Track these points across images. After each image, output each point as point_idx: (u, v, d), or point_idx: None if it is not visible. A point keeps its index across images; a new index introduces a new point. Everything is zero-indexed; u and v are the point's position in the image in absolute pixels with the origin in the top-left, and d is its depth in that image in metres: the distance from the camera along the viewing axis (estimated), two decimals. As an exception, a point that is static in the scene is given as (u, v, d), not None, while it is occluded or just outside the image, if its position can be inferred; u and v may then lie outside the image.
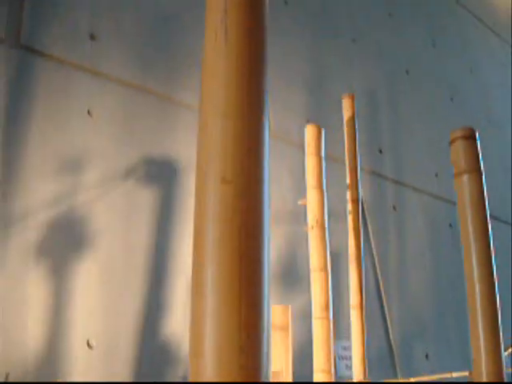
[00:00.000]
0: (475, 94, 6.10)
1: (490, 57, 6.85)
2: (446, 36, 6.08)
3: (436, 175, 4.99)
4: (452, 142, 1.36)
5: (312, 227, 2.18)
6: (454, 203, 1.46)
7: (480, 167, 1.31)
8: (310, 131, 2.21)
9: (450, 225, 4.93)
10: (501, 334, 1.35)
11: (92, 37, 3.02)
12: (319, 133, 2.23)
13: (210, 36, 0.69)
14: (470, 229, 1.32)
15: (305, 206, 2.26)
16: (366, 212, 4.14)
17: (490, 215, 1.38)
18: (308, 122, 3.85)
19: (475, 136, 1.36)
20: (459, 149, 1.33)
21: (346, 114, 2.58)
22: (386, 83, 4.83)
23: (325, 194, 2.24)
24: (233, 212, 0.62)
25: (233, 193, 0.63)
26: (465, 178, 1.28)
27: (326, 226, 2.22)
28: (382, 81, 4.80)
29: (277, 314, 2.06)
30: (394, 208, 4.49)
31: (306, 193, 2.24)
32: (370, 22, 4.92)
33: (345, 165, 2.69)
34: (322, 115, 4.02)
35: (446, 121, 5.34)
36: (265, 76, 0.70)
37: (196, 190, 0.67)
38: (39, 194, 2.61)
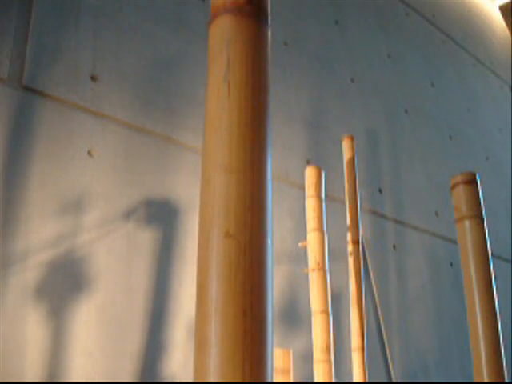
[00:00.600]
0: (474, 132, 6.14)
1: (488, 96, 6.92)
2: (445, 76, 6.14)
3: (436, 214, 4.98)
4: (453, 187, 1.37)
5: (313, 270, 2.17)
6: (455, 242, 1.46)
7: (482, 213, 1.31)
8: (310, 173, 2.21)
9: (451, 264, 4.91)
10: (505, 373, 1.35)
11: (93, 78, 3.05)
12: (319, 174, 2.23)
13: (212, 91, 0.69)
14: (473, 272, 1.31)
15: (305, 248, 2.25)
16: (367, 251, 4.13)
17: (491, 254, 1.38)
18: (308, 162, 3.86)
19: (476, 180, 1.37)
20: (460, 194, 1.34)
21: (346, 155, 2.59)
22: (386, 123, 4.86)
23: (325, 235, 2.24)
24: (236, 268, 0.62)
25: (236, 248, 0.63)
26: (466, 223, 1.28)
27: (327, 268, 2.21)
28: (382, 120, 4.83)
29: (278, 358, 2.04)
30: (395, 247, 4.48)
31: (307, 235, 2.24)
32: (368, 62, 4.97)
33: (345, 204, 2.69)
34: (321, 155, 4.04)
35: (446, 159, 5.36)
36: (268, 129, 0.70)
37: (199, 245, 0.66)
38: (39, 235, 2.60)
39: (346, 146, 2.60)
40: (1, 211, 2.51)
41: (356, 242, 2.49)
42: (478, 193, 1.36)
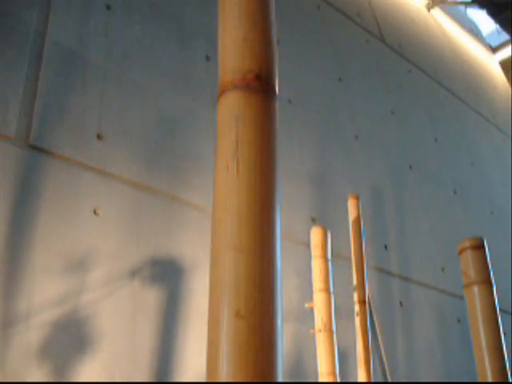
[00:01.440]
0: (478, 187, 6.14)
1: (491, 150, 6.95)
2: (448, 131, 6.18)
3: (442, 269, 4.95)
4: (460, 251, 1.36)
5: (319, 330, 2.15)
6: (462, 297, 1.44)
7: (490, 278, 1.30)
8: (315, 234, 2.21)
9: (459, 320, 4.86)
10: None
11: (99, 137, 3.07)
12: (325, 235, 2.23)
13: (221, 169, 0.70)
14: (482, 336, 1.30)
15: (312, 308, 2.23)
16: (373, 309, 4.09)
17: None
18: (313, 220, 3.86)
19: (484, 245, 1.36)
20: (468, 259, 1.33)
21: (352, 215, 2.59)
22: (390, 179, 4.87)
23: (332, 296, 2.22)
24: (246, 349, 0.61)
25: (246, 329, 0.62)
26: (475, 289, 1.27)
27: (334, 328, 2.19)
28: (386, 176, 4.84)
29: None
30: (401, 304, 4.43)
31: (313, 295, 2.22)
32: (372, 119, 5.01)
33: (351, 261, 2.67)
34: (326, 212, 4.03)
35: (451, 214, 5.35)
36: (277, 206, 0.70)
37: (209, 324, 0.66)
38: (43, 294, 2.58)
39: (351, 205, 2.60)
40: (5, 270, 2.50)
41: (363, 302, 2.47)
42: (486, 258, 1.35)
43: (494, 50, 10.22)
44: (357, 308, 2.48)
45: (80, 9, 3.43)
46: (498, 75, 9.39)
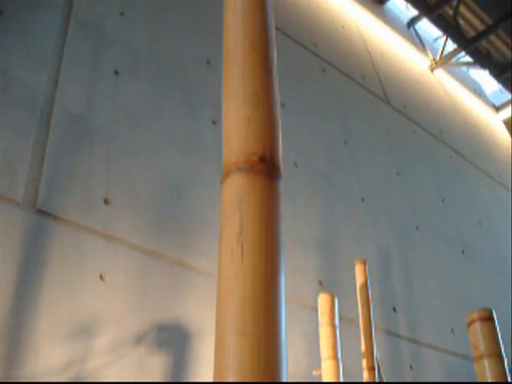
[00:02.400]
0: (486, 246, 6.11)
1: (498, 208, 6.94)
2: (455, 190, 6.18)
3: (452, 331, 4.88)
4: (469, 324, 1.34)
5: (328, 399, 2.10)
6: (472, 359, 1.41)
7: (501, 351, 1.28)
8: (322, 300, 2.19)
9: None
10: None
11: (106, 201, 3.08)
12: (332, 301, 2.20)
13: (225, 253, 0.70)
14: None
15: (320, 376, 2.20)
16: (383, 373, 4.02)
17: None
18: (320, 283, 3.83)
19: (493, 317, 1.34)
20: (477, 332, 1.30)
21: (359, 280, 2.57)
22: (397, 240, 4.85)
23: (340, 363, 2.18)
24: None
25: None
26: (485, 362, 1.25)
27: (343, 397, 2.14)
28: (393, 238, 4.83)
29: None
30: (411, 367, 4.36)
31: (321, 362, 2.19)
32: (378, 180, 5.02)
33: (359, 324, 2.64)
34: (333, 275, 4.01)
35: (459, 274, 5.31)
36: (282, 289, 0.69)
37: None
38: (48, 361, 2.55)
39: (358, 270, 2.58)
40: (9, 336, 2.48)
41: (371, 369, 2.43)
42: (496, 330, 1.33)
43: (498, 108, 10.31)
44: (365, 375, 2.44)
45: (88, 74, 3.49)
46: (502, 133, 9.45)
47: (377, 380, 2.52)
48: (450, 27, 8.10)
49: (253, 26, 0.79)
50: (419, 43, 9.14)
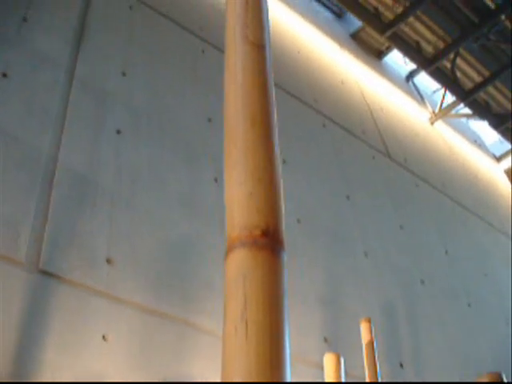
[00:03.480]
0: (493, 298, 6.06)
1: (503, 258, 6.91)
2: (459, 242, 6.16)
3: (460, 386, 4.80)
4: (479, 388, 1.32)
5: None
6: None
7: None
8: (328, 361, 2.16)
9: None
10: None
11: (108, 261, 3.08)
12: (338, 361, 2.18)
13: (230, 330, 0.69)
14: None
15: None
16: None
17: None
18: (326, 339, 3.79)
19: (502, 380, 1.32)
20: (488, 397, 1.28)
21: (365, 338, 2.54)
22: (402, 295, 4.81)
23: (347, 425, 2.14)
24: None
25: None
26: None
27: None
28: (398, 293, 4.79)
29: None
30: (420, 425, 4.28)
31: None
32: (381, 235, 5.01)
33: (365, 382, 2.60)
34: (339, 331, 3.96)
35: (466, 327, 5.25)
36: (287, 364, 0.68)
37: None
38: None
39: (363, 329, 2.56)
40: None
41: (380, 429, 2.38)
42: (505, 394, 1.30)
43: (498, 159, 10.36)
44: None
45: (91, 133, 3.52)
46: (504, 183, 9.47)
47: None
48: (447, 80, 8.19)
49: (253, 98, 0.80)
50: (418, 96, 9.24)
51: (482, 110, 8.65)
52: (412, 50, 7.80)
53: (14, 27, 3.69)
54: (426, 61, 7.86)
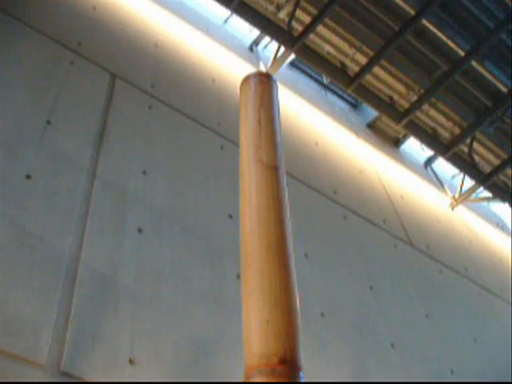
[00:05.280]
0: None
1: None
2: (486, 328, 6.04)
3: None
4: None
5: None
6: None
7: None
8: None
9: None
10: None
11: (131, 361, 3.05)
12: None
13: None
14: None
15: None
16: None
17: None
18: None
19: None
20: None
21: None
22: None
23: None
24: None
25: None
26: None
27: None
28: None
29: None
30: None
31: None
32: (407, 325, 4.94)
33: None
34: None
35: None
36: None
37: None
38: None
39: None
40: None
41: None
42: None
43: (522, 242, 10.25)
44: None
45: (112, 233, 3.55)
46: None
47: None
48: (466, 164, 8.21)
49: (267, 222, 0.81)
50: (437, 182, 9.26)
51: (502, 193, 8.62)
52: (428, 137, 7.87)
53: (39, 129, 3.79)
54: (443, 147, 7.92)
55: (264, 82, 0.99)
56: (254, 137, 0.93)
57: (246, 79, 1.08)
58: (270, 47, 8.79)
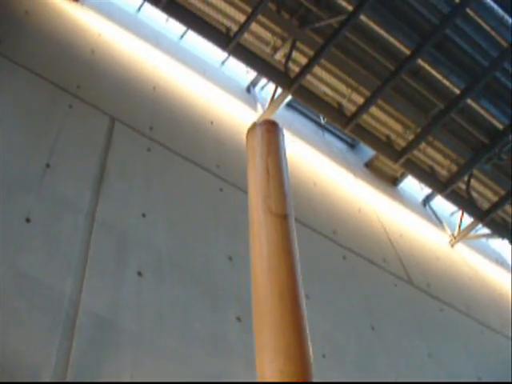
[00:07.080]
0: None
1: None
2: (489, 366, 6.00)
3: None
4: None
5: None
6: None
7: None
8: None
9: None
10: None
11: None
12: None
13: None
14: None
15: None
16: None
17: None
18: None
19: None
20: None
21: None
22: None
23: None
24: None
25: None
26: None
27: None
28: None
29: None
30: None
31: None
32: (410, 364, 4.90)
33: None
34: None
35: None
36: None
37: None
38: None
39: None
40: None
41: None
42: None
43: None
44: None
45: (112, 276, 3.54)
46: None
47: None
48: (464, 201, 8.22)
49: (279, 272, 0.81)
50: (436, 220, 9.26)
51: (500, 229, 8.61)
52: (426, 175, 7.89)
53: (38, 173, 3.80)
54: (440, 185, 7.93)
55: (271, 131, 1.00)
56: (263, 186, 0.94)
57: (253, 127, 1.09)
58: (267, 88, 8.88)
